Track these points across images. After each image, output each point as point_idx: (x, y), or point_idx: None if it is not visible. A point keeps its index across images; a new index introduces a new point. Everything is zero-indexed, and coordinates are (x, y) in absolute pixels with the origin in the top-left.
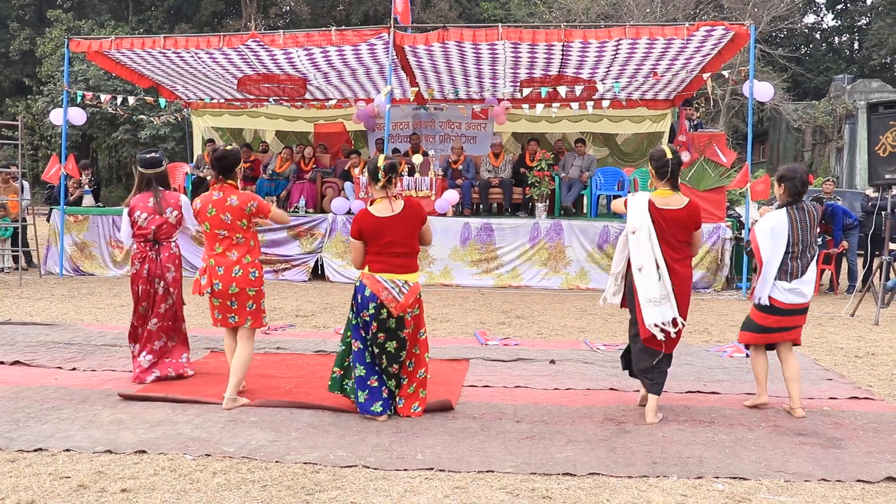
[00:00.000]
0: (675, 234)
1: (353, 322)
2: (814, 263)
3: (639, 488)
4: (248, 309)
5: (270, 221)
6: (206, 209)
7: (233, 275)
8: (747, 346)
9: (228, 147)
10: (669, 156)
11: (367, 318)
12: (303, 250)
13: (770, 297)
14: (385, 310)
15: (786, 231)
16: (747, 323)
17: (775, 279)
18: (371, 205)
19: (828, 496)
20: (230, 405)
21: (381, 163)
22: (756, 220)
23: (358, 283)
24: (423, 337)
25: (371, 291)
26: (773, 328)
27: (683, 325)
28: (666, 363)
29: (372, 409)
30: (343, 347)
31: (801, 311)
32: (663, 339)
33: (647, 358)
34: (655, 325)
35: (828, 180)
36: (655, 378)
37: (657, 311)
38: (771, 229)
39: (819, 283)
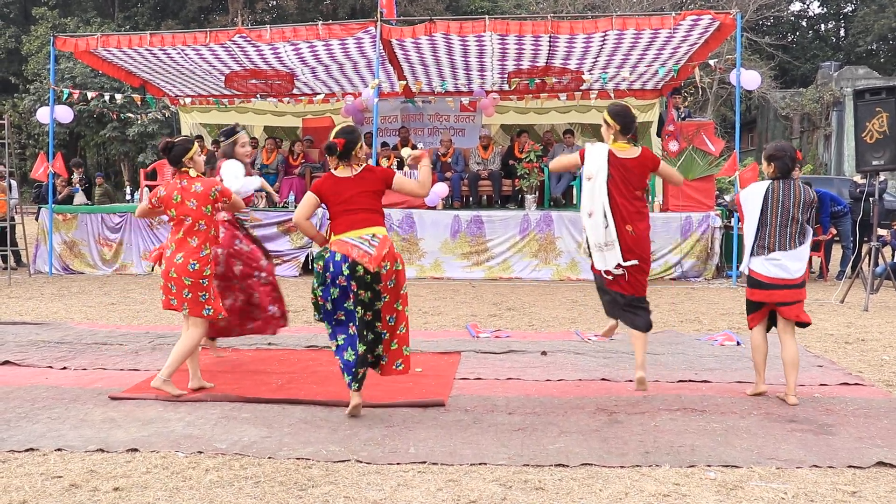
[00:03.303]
0: (633, 181)
1: (322, 304)
2: (806, 244)
3: (631, 478)
4: (184, 296)
5: (229, 205)
6: (171, 196)
7: (175, 260)
8: (755, 333)
9: (176, 139)
10: (633, 112)
11: (345, 283)
12: (293, 245)
13: (752, 270)
14: (360, 266)
15: (760, 199)
16: (747, 305)
17: (755, 253)
18: (335, 168)
19: (819, 482)
20: (157, 384)
21: (331, 138)
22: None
23: (327, 254)
24: (405, 293)
25: (341, 254)
26: (763, 302)
27: (640, 265)
28: (639, 303)
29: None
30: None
31: (790, 286)
32: (612, 279)
33: (617, 302)
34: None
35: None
36: (632, 318)
37: (600, 256)
38: (749, 193)
39: (809, 270)
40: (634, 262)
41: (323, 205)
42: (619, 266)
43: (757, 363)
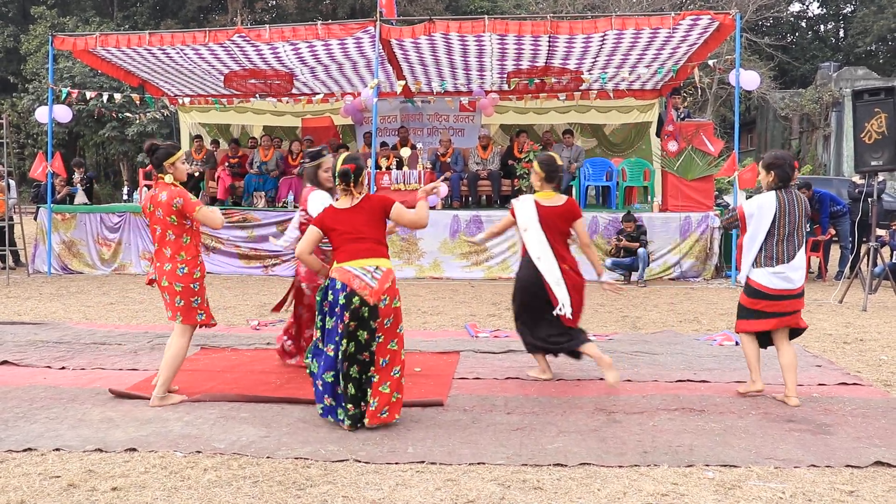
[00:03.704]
0: (559, 226)
1: (327, 326)
2: (802, 250)
3: (630, 477)
4: (176, 305)
5: (202, 222)
6: (146, 205)
7: (164, 268)
8: (745, 333)
9: (163, 143)
10: (560, 162)
11: (339, 311)
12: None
13: (756, 282)
14: (357, 297)
15: (772, 212)
16: (740, 310)
17: (761, 265)
18: (336, 201)
19: (817, 482)
20: (156, 403)
21: (339, 167)
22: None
23: (328, 281)
24: (401, 332)
25: (342, 282)
26: (765, 313)
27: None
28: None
29: (318, 409)
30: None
31: (793, 296)
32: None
33: (556, 327)
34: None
35: None
36: (567, 343)
37: (559, 290)
38: (759, 207)
39: (808, 271)
40: (569, 309)
41: (325, 238)
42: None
43: (751, 361)
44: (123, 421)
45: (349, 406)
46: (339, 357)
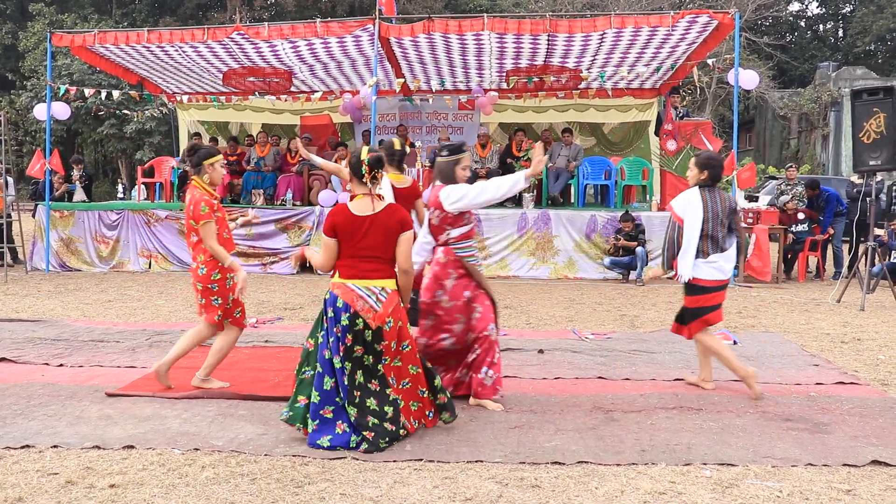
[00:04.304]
0: (407, 207)
1: (320, 342)
2: (734, 246)
3: (627, 476)
4: (199, 302)
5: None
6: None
7: (192, 265)
8: (700, 333)
9: (204, 144)
10: (398, 147)
11: (340, 334)
12: (291, 243)
13: (695, 278)
14: (361, 320)
15: (700, 208)
16: (686, 315)
17: (695, 258)
18: (351, 200)
19: (814, 480)
20: (197, 383)
21: (364, 156)
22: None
23: (328, 296)
24: (408, 350)
25: (343, 301)
26: (708, 308)
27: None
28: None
29: (318, 442)
30: (311, 372)
31: (723, 287)
32: None
33: None
34: None
35: (790, 167)
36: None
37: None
38: (688, 203)
39: (806, 270)
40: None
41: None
42: None
43: (724, 356)
44: (121, 418)
45: (368, 434)
46: (327, 382)
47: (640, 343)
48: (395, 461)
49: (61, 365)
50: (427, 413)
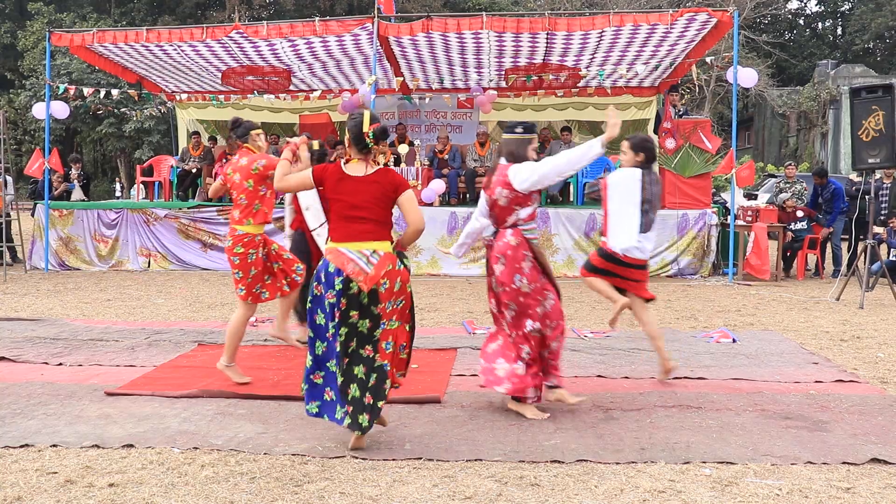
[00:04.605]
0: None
1: (311, 306)
2: (654, 228)
3: (627, 474)
4: (234, 277)
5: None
6: (230, 175)
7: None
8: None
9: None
10: (317, 147)
11: (334, 299)
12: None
13: (609, 248)
14: (354, 284)
15: (639, 186)
16: (589, 265)
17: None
18: (345, 163)
19: (814, 478)
20: (221, 367)
21: (366, 127)
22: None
23: (322, 262)
24: (402, 304)
25: (335, 266)
26: (614, 273)
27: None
28: None
29: (307, 407)
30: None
31: (641, 266)
32: None
33: None
34: None
35: (789, 165)
36: None
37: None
38: (623, 178)
39: (805, 268)
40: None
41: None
42: None
43: (602, 290)
44: (121, 417)
45: (348, 408)
46: (318, 346)
47: (639, 341)
48: (394, 460)
49: (60, 364)
50: (398, 374)
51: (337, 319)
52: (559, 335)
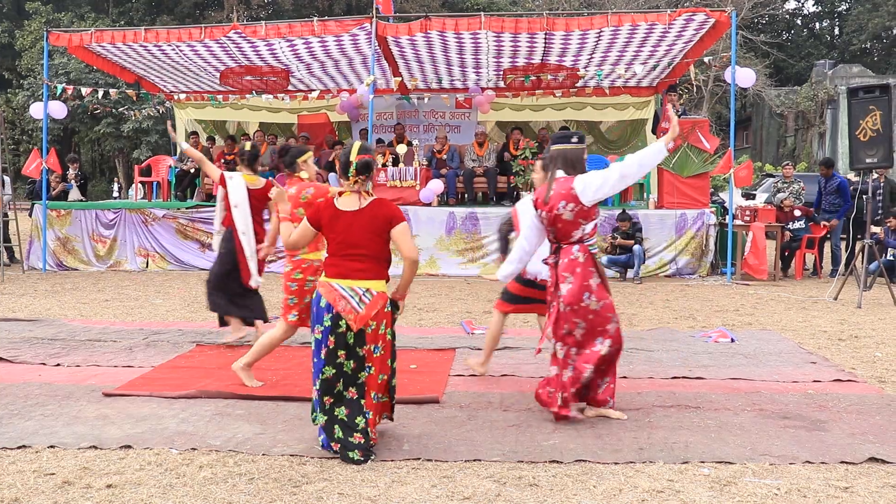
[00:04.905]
0: (260, 209)
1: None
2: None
3: (625, 474)
4: (286, 302)
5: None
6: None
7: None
8: (501, 313)
9: (293, 144)
10: (248, 148)
11: (320, 336)
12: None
13: (532, 274)
14: (343, 322)
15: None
16: (506, 294)
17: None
18: (338, 196)
19: (812, 478)
20: (236, 369)
21: (353, 157)
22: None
23: (314, 295)
24: (380, 354)
25: (326, 301)
26: (532, 299)
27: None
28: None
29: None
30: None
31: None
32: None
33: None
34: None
35: (787, 164)
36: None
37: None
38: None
39: (803, 268)
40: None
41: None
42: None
43: (493, 340)
44: (118, 418)
45: (335, 445)
46: (320, 378)
47: (638, 341)
48: (392, 460)
49: (58, 365)
50: (377, 419)
51: (323, 357)
52: (618, 353)
